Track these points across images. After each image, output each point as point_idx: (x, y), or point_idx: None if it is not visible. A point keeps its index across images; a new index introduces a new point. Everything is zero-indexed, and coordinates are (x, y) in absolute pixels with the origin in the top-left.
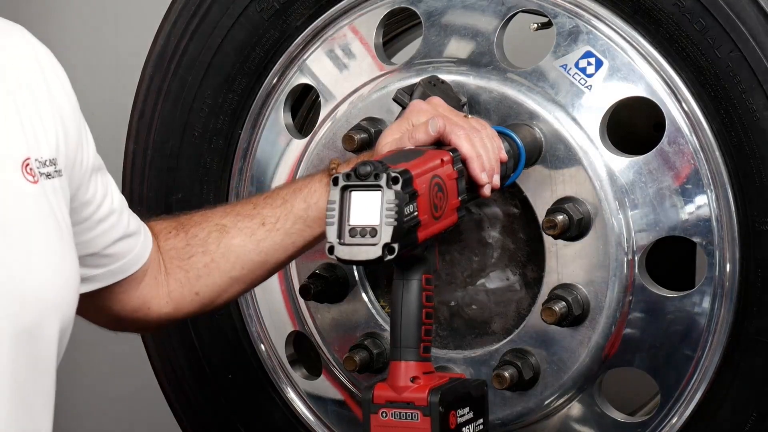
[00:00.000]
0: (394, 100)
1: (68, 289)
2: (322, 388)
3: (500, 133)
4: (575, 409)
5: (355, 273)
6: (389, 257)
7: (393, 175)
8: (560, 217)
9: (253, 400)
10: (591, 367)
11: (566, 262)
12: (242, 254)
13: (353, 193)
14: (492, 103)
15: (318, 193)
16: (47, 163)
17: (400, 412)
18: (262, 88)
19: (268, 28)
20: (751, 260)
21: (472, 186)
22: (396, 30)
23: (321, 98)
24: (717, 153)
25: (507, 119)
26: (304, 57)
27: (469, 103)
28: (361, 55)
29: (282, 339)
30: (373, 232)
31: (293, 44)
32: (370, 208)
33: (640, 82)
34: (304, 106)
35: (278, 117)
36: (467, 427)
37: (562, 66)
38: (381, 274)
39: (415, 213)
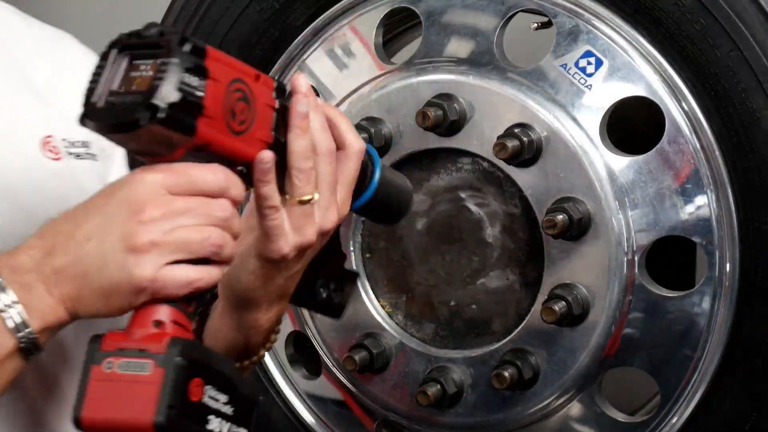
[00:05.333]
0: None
1: None
2: (321, 388)
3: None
4: (575, 408)
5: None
6: (150, 121)
7: (183, 36)
8: (560, 217)
9: None
10: (591, 367)
11: (566, 262)
12: None
13: (133, 53)
14: (492, 103)
15: None
16: (77, 144)
17: (128, 362)
18: None
19: (267, 28)
20: (752, 260)
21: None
22: (396, 30)
23: (321, 98)
24: (717, 153)
25: (507, 119)
26: (304, 56)
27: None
28: (361, 55)
29: (282, 339)
30: (140, 92)
31: (293, 44)
32: (145, 69)
33: (640, 81)
34: None
35: None
36: (218, 419)
37: (562, 65)
38: (381, 275)
39: (201, 94)
